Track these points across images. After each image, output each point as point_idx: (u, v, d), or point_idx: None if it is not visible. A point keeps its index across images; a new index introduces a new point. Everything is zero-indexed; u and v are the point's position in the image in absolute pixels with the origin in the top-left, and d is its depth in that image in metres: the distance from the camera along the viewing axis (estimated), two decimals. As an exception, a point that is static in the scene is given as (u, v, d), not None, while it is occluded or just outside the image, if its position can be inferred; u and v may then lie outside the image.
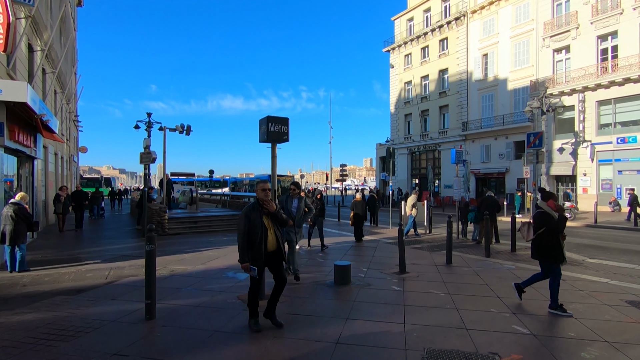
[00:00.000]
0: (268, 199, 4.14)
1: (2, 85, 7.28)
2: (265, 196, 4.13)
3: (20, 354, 3.65)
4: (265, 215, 4.13)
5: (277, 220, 4.22)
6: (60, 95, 18.66)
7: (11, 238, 6.82)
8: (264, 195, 4.14)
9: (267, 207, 4.10)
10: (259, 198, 4.16)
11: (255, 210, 4.08)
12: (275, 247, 4.15)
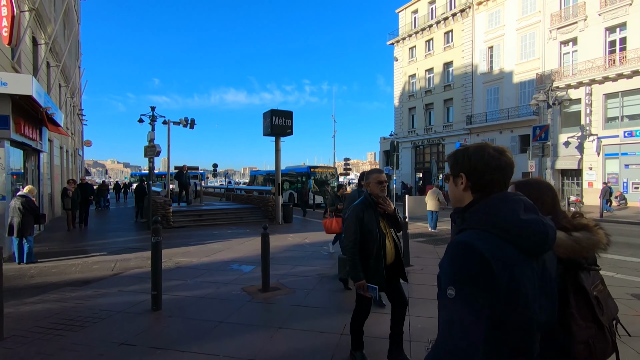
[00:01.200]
0: (385, 196, 3.15)
1: (7, 78, 7.30)
2: (382, 191, 3.11)
3: (30, 343, 3.71)
4: (381, 216, 3.15)
5: (396, 223, 3.24)
6: (65, 89, 18.71)
7: (19, 230, 6.89)
8: (380, 189, 3.11)
9: (384, 207, 3.12)
10: (373, 194, 3.13)
11: (369, 210, 3.09)
12: (393, 259, 3.16)
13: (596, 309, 1.39)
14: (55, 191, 15.01)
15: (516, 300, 1.04)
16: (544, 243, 1.10)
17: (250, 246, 9.12)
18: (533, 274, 1.09)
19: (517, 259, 1.06)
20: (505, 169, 1.19)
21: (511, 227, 1.09)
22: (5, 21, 7.25)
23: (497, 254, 1.04)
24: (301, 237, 10.87)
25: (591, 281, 1.45)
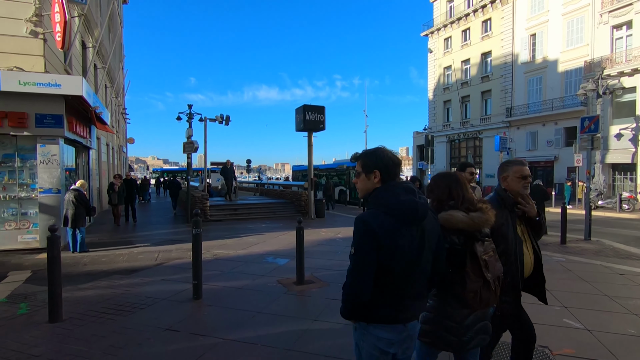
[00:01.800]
0: (528, 195, 2.49)
1: (61, 80, 7.85)
2: (525, 188, 2.45)
3: (85, 325, 4.00)
4: (519, 219, 2.48)
5: (538, 228, 2.55)
6: (110, 90, 19.82)
7: (72, 221, 7.43)
8: (522, 186, 2.44)
9: (525, 208, 2.43)
10: (512, 190, 2.45)
11: (504, 211, 2.38)
12: (532, 270, 2.49)
13: (483, 269, 1.92)
14: (102, 186, 15.99)
15: (396, 254, 1.61)
16: (414, 215, 1.63)
17: (284, 240, 9.28)
18: (411, 237, 1.64)
19: (396, 227, 1.61)
20: (399, 164, 1.77)
21: (391, 206, 1.64)
22: (58, 27, 7.79)
23: (382, 225, 1.60)
24: (334, 231, 10.90)
25: (483, 249, 1.96)
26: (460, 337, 1.99)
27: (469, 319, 2.00)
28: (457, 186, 2.06)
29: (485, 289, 1.93)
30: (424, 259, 1.71)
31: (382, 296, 1.67)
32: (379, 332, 1.70)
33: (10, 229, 7.93)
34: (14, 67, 7.80)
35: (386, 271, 1.63)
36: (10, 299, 4.87)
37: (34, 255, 7.54)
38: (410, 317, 1.75)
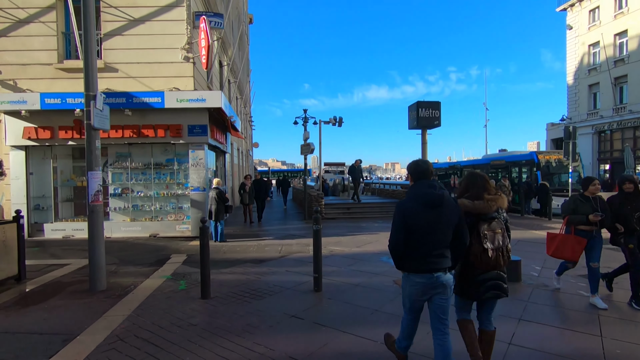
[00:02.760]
0: None
1: (206, 95, 9.30)
2: None
3: (227, 304, 4.64)
4: None
5: None
6: (240, 101, 22.59)
7: (215, 215, 8.71)
8: None
9: None
10: None
11: None
12: None
13: (482, 239, 2.65)
14: (234, 185, 18.35)
15: (414, 226, 2.52)
16: (427, 202, 2.54)
17: (398, 240, 9.12)
18: (427, 216, 2.52)
19: (416, 209, 2.54)
20: (424, 171, 2.69)
21: (413, 196, 2.61)
22: (203, 50, 9.25)
23: (407, 207, 2.58)
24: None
25: (487, 226, 2.68)
26: (475, 289, 2.76)
27: (480, 277, 2.73)
28: (472, 185, 2.85)
29: (485, 254, 2.65)
30: (439, 231, 2.55)
31: (411, 254, 2.61)
32: (413, 277, 2.64)
33: (171, 219, 9.76)
34: (173, 88, 9.56)
35: (410, 237, 2.57)
36: (173, 277, 5.99)
37: (187, 242, 9.10)
38: (435, 269, 2.58)
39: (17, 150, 9.41)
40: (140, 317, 4.25)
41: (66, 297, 5.04)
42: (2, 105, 8.94)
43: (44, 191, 9.83)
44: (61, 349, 3.48)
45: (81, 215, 10.06)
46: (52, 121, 9.30)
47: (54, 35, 9.70)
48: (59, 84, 9.59)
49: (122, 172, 9.90)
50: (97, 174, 5.29)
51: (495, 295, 2.76)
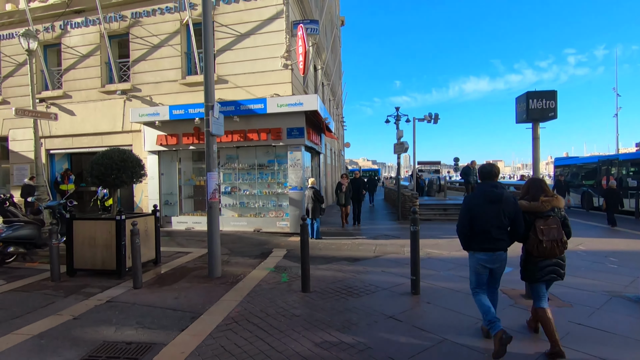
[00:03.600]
0: None
1: (302, 99, 9.81)
2: None
3: (325, 298, 4.84)
4: None
5: None
6: (332, 102, 23.20)
7: (312, 213, 9.13)
8: None
9: None
10: None
11: None
12: None
13: (538, 233, 3.27)
14: (328, 185, 18.92)
15: (476, 216, 3.43)
16: (492, 198, 3.38)
17: (503, 246, 8.32)
18: (490, 210, 3.38)
19: (481, 203, 3.42)
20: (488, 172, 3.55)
21: (482, 192, 3.46)
22: (301, 57, 9.77)
23: (472, 201, 3.52)
24: (573, 242, 8.90)
25: (544, 222, 3.29)
26: (537, 273, 3.35)
27: (540, 264, 3.32)
28: (533, 188, 3.49)
29: (541, 245, 3.23)
30: (497, 220, 3.36)
31: (475, 237, 3.44)
32: (477, 254, 3.46)
33: (272, 216, 10.55)
34: (273, 94, 10.32)
35: (474, 224, 3.43)
36: (276, 269, 6.47)
37: (286, 237, 9.73)
38: (494, 249, 3.40)
39: (152, 155, 11.25)
40: (250, 303, 4.71)
41: (191, 280, 5.86)
42: (142, 118, 10.79)
43: (172, 189, 11.56)
44: (190, 325, 4.06)
45: (199, 211, 11.56)
46: (177, 129, 10.87)
47: (179, 55, 11.32)
48: (182, 97, 11.17)
49: (231, 173, 11.06)
50: (214, 175, 6.03)
51: (552, 279, 3.39)
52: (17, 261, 7.25)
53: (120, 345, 3.61)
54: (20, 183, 12.14)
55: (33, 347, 3.60)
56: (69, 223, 6.17)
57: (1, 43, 13.11)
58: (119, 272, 5.90)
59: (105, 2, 11.57)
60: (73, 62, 12.36)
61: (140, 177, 6.75)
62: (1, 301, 5.01)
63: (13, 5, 12.78)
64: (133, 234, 5.31)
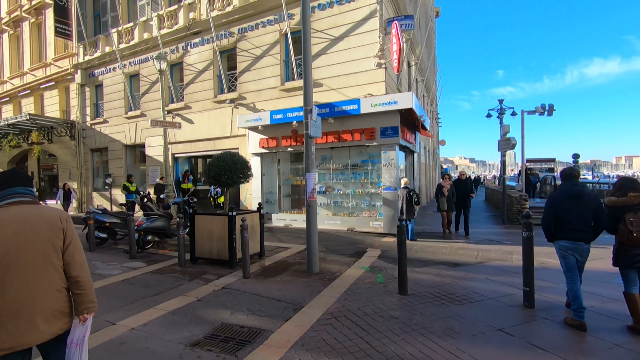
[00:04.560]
0: None
1: (397, 97, 9.62)
2: None
3: (425, 303, 4.68)
4: None
5: None
6: (426, 99, 22.21)
7: (406, 214, 8.90)
8: None
9: None
10: None
11: None
12: None
13: (627, 224, 3.71)
14: (422, 185, 18.20)
15: (560, 210, 4.07)
16: (573, 194, 4.02)
17: None
18: (570, 205, 4.01)
19: (561, 198, 4.09)
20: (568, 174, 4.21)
21: (564, 190, 4.13)
22: (395, 55, 9.60)
23: (556, 197, 4.18)
24: None
25: (632, 214, 3.73)
26: (628, 260, 3.81)
27: (632, 252, 3.77)
28: (623, 186, 3.94)
29: (631, 235, 3.71)
30: (577, 213, 3.96)
31: (559, 227, 4.06)
32: (561, 242, 4.06)
33: (365, 216, 10.59)
34: (367, 94, 10.34)
35: (557, 216, 4.06)
36: (371, 269, 6.49)
37: (380, 237, 9.67)
38: (574, 239, 3.97)
39: (255, 157, 12.30)
40: (347, 301, 4.82)
41: (291, 274, 6.25)
42: (247, 123, 11.88)
43: (272, 188, 12.47)
44: (293, 315, 4.35)
45: (296, 209, 12.23)
46: (277, 132, 11.68)
47: (278, 63, 12.15)
48: (281, 102, 11.95)
49: (325, 173, 11.44)
50: (313, 175, 6.33)
51: None
52: (153, 248, 8.66)
53: (235, 327, 4.05)
54: (153, 182, 14.46)
55: (169, 321, 4.27)
56: (192, 217, 7.15)
57: (140, 66, 15.81)
58: (231, 262, 6.62)
59: (217, 22, 13.04)
60: (192, 77, 14.23)
61: (248, 177, 7.43)
62: (145, 280, 6.06)
63: (148, 33, 15.29)
64: (243, 229, 5.90)
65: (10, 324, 1.93)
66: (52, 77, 19.32)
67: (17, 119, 16.86)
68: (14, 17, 21.26)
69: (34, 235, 2.04)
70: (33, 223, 2.06)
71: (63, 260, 2.13)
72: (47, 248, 2.07)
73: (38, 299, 2.01)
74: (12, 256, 1.97)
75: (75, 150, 18.42)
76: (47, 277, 2.06)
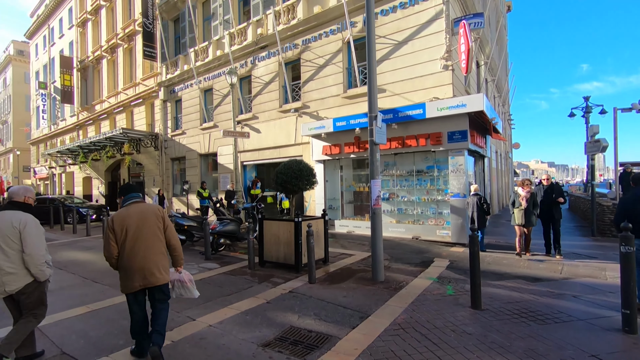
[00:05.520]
0: None
1: (465, 100, 9.14)
2: None
3: (501, 320, 4.34)
4: None
5: None
6: (498, 99, 20.77)
7: (476, 222, 8.37)
8: None
9: None
10: None
11: None
12: None
13: None
14: (493, 191, 16.98)
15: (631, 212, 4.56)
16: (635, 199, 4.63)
17: None
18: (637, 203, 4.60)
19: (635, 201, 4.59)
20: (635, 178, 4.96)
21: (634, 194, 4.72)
22: (463, 55, 9.16)
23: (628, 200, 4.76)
24: None
25: None
26: None
27: None
28: None
29: None
30: None
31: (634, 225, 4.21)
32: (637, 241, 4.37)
33: (432, 224, 10.18)
34: (432, 98, 10.00)
35: (630, 216, 4.45)
36: (439, 280, 6.21)
37: (448, 247, 9.21)
38: None
39: (318, 164, 12.54)
40: (415, 312, 4.67)
41: (356, 281, 6.23)
42: (311, 131, 12.19)
43: (335, 194, 12.59)
44: (360, 323, 4.33)
45: (358, 215, 12.19)
46: (340, 139, 11.79)
47: (341, 71, 12.30)
48: (343, 109, 12.06)
49: (389, 179, 11.25)
50: (378, 182, 6.28)
51: None
52: (225, 250, 9.24)
53: (303, 331, 4.14)
54: (224, 188, 15.47)
55: (242, 320, 4.52)
56: (260, 223, 7.50)
57: (213, 81, 17.12)
58: (296, 267, 6.81)
59: (283, 35, 13.63)
60: (259, 89, 15.02)
61: (313, 184, 7.61)
62: (219, 280, 6.50)
63: (221, 50, 16.52)
64: (308, 234, 6.04)
65: (141, 272, 3.35)
66: (140, 95, 21.75)
67: (113, 133, 19.29)
68: (111, 44, 24.42)
69: (146, 220, 3.45)
70: (145, 213, 3.48)
71: (165, 236, 3.55)
72: (154, 228, 3.47)
73: (153, 257, 3.41)
74: (138, 233, 3.38)
75: (158, 160, 20.46)
76: (156, 245, 3.47)
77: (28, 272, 3.29)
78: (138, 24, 21.06)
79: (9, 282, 3.22)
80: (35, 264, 3.27)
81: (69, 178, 31.51)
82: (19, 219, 3.28)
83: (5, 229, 3.21)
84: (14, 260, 3.23)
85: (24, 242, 3.23)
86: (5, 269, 3.20)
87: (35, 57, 37.95)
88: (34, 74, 38.55)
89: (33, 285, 3.34)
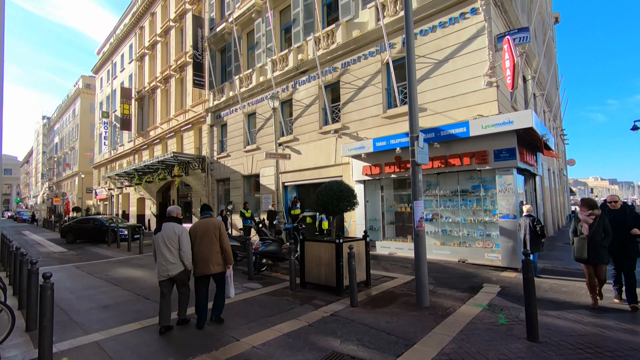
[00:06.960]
0: None
1: (513, 117, 8.78)
2: None
3: (563, 355, 3.97)
4: None
5: None
6: (548, 114, 19.67)
7: (531, 246, 7.84)
8: None
9: None
10: None
11: None
12: None
13: None
14: (547, 212, 15.86)
15: None
16: None
17: None
18: None
19: None
20: None
21: None
22: (508, 71, 8.86)
23: None
24: None
25: None
26: None
27: None
28: None
29: None
30: None
31: None
32: None
33: (479, 247, 9.67)
34: (476, 115, 9.71)
35: None
36: (490, 308, 5.84)
37: (498, 272, 8.67)
38: None
39: (359, 184, 12.50)
40: (464, 342, 4.41)
41: (399, 306, 6.02)
42: (351, 152, 12.25)
43: (375, 215, 12.42)
44: (405, 352, 4.16)
45: (400, 237, 11.89)
46: (380, 159, 11.72)
47: (380, 92, 12.36)
48: (383, 129, 12.04)
49: (432, 200, 10.92)
50: (420, 203, 6.13)
51: None
52: (267, 270, 9.37)
53: (346, 358, 4.06)
54: (266, 209, 15.83)
55: (284, 343, 4.52)
56: (302, 243, 7.56)
57: (257, 106, 17.89)
58: (338, 289, 6.73)
59: (322, 60, 14.04)
60: (300, 112, 15.45)
61: (354, 205, 7.58)
62: (262, 301, 6.58)
63: (263, 77, 17.31)
64: (350, 256, 5.99)
65: (200, 264, 5.14)
66: (190, 121, 23.20)
67: (164, 156, 20.63)
68: (165, 75, 26.50)
69: (208, 229, 5.20)
70: (208, 224, 5.25)
71: (220, 241, 5.19)
72: (213, 234, 5.17)
73: (211, 254, 5.14)
74: (202, 236, 5.17)
75: (204, 181, 21.48)
76: (214, 246, 5.16)
77: (182, 263, 5.03)
78: (189, 55, 22.73)
79: (171, 269, 4.99)
80: (187, 258, 5.04)
81: (125, 199, 33.89)
82: (178, 228, 5.07)
83: (170, 234, 4.97)
84: (175, 255, 4.99)
85: (180, 243, 5.00)
86: (170, 260, 4.97)
87: (100, 89, 42.03)
88: (98, 104, 42.59)
89: (184, 272, 5.12)
